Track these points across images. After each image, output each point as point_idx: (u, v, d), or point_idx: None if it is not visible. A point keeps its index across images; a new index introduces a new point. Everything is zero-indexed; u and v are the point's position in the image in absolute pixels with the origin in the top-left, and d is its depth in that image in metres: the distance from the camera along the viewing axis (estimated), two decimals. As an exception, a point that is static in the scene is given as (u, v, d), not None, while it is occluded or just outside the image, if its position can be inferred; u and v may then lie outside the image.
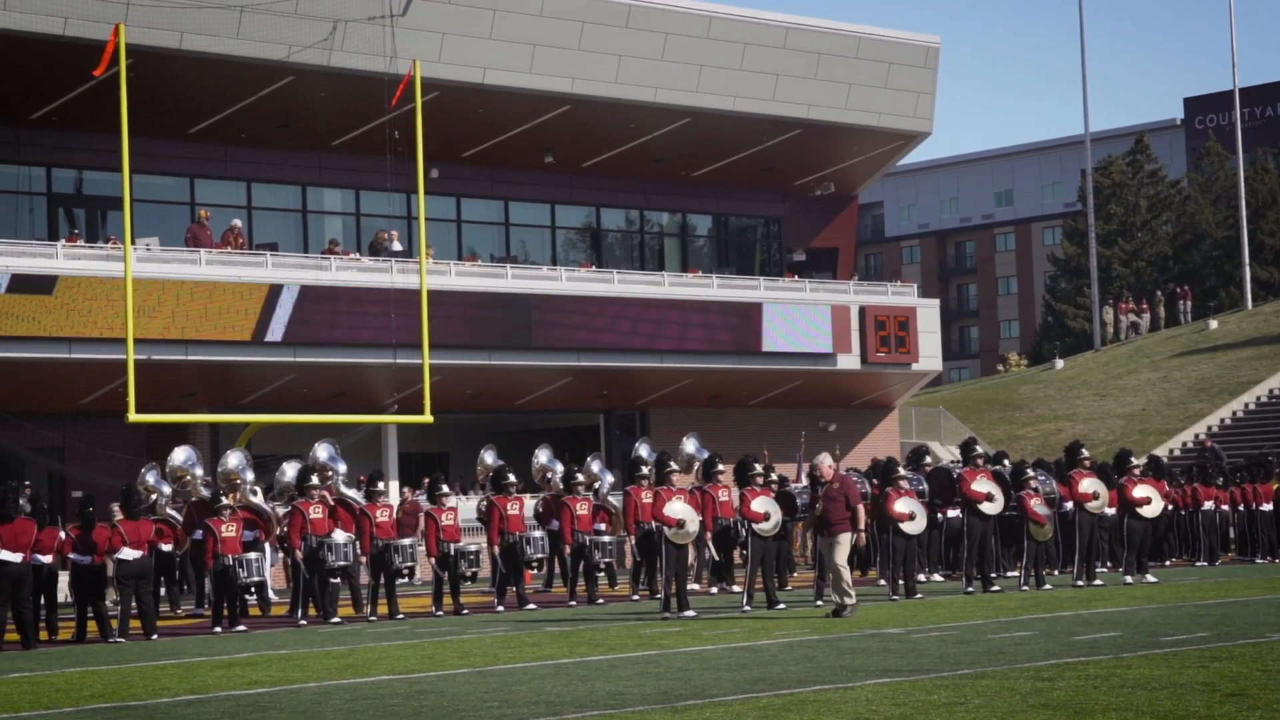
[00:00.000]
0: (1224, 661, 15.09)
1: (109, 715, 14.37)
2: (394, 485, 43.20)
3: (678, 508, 24.27)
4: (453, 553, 27.37)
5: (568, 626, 23.20)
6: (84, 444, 39.56)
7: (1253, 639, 17.21)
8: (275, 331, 39.43)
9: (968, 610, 23.26)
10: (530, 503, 30.42)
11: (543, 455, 31.91)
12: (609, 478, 32.14)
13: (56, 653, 22.55)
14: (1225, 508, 36.75)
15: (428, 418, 35.90)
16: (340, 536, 26.73)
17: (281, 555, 33.25)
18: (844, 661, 16.55)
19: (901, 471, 27.70)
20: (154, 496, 28.99)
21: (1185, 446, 56.84)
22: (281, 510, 28.70)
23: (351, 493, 29.20)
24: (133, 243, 33.73)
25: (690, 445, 31.18)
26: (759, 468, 25.65)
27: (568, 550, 29.25)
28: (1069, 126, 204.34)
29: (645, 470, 28.10)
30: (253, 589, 26.88)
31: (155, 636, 24.35)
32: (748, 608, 24.62)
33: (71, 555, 25.16)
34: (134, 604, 24.77)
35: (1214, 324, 74.01)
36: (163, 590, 29.32)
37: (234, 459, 30.04)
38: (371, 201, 46.32)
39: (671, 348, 45.94)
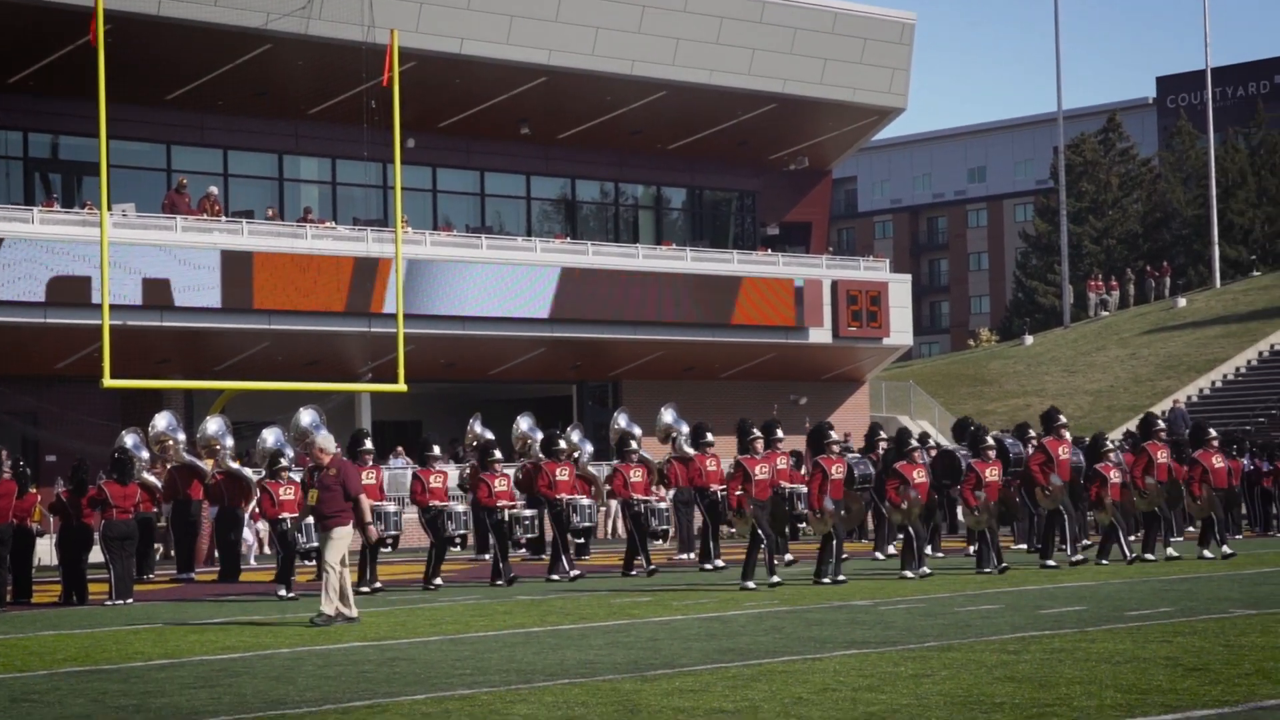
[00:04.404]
0: (1187, 636, 15.19)
1: (83, 679, 14.39)
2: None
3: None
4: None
5: (539, 595, 23.26)
6: (58, 409, 39.53)
7: (1215, 614, 17.32)
8: (250, 299, 39.42)
9: (935, 584, 23.36)
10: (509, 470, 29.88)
11: (524, 423, 31.60)
12: (589, 447, 32.02)
13: (30, 616, 22.55)
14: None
15: (402, 387, 35.85)
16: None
17: (257, 519, 33.29)
18: (812, 633, 16.62)
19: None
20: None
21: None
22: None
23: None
24: (109, 208, 33.59)
25: (668, 415, 31.12)
26: (834, 435, 24.78)
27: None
28: (1042, 104, 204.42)
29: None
30: (312, 555, 25.72)
31: (131, 600, 24.34)
32: (750, 584, 23.12)
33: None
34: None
35: (1182, 302, 74.23)
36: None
37: (213, 425, 30.04)
38: (348, 170, 46.29)
39: (645, 320, 45.94)
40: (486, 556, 28.13)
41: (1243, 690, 11.66)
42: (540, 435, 30.47)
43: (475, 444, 29.35)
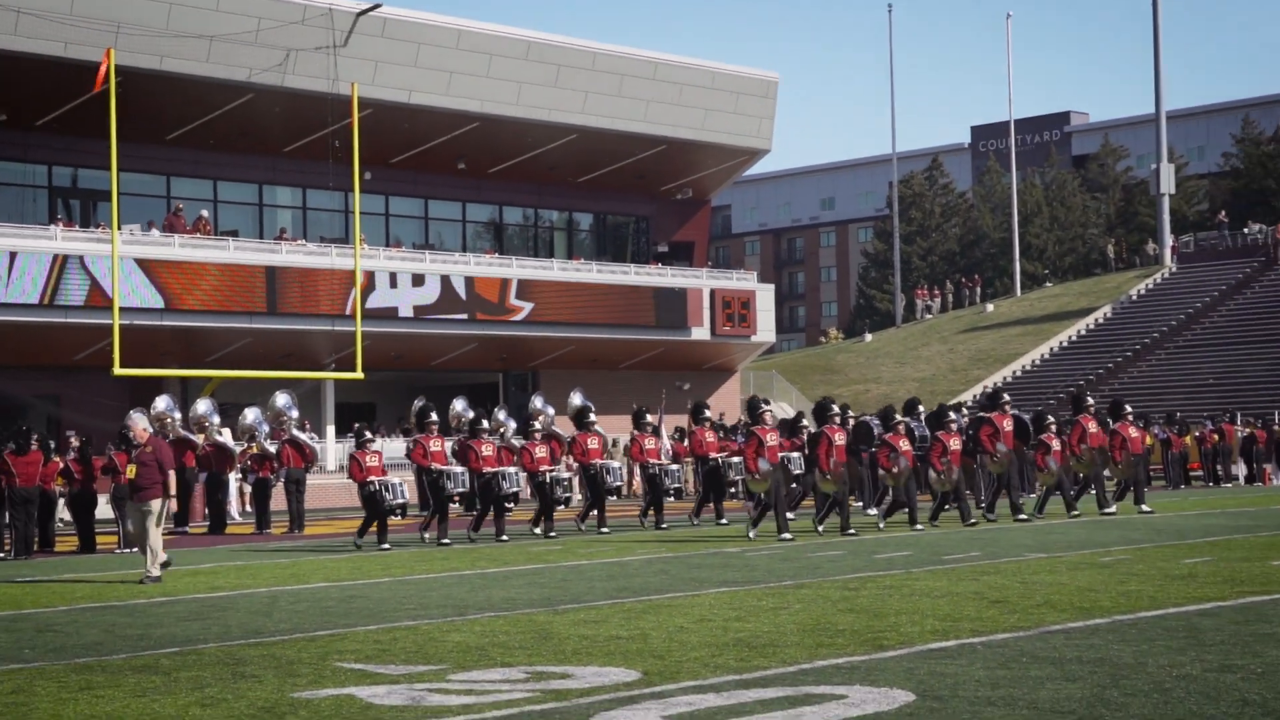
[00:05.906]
0: (991, 575, 15.35)
1: (96, 613, 14.25)
2: (330, 429, 42.93)
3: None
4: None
5: (470, 545, 23.22)
6: (76, 392, 39.07)
7: (1014, 558, 17.52)
8: (235, 303, 39.08)
9: (793, 536, 23.38)
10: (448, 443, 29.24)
11: (458, 404, 31.33)
12: (512, 424, 31.79)
13: (53, 562, 22.28)
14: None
15: (359, 375, 35.66)
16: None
17: (240, 483, 33.04)
18: (693, 574, 16.66)
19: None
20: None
21: (967, 405, 57.47)
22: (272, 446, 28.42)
23: (303, 436, 28.78)
24: (119, 228, 33.20)
25: (576, 398, 30.97)
26: (835, 408, 23.39)
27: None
28: (879, 147, 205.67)
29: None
30: (398, 510, 24.25)
31: (136, 550, 24.05)
32: (752, 535, 22.55)
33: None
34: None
35: (990, 307, 74.94)
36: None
37: (203, 405, 29.81)
38: (316, 198, 45.95)
39: (558, 320, 45.86)
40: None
41: (1034, 618, 11.81)
42: (472, 414, 30.11)
43: (415, 419, 28.74)
